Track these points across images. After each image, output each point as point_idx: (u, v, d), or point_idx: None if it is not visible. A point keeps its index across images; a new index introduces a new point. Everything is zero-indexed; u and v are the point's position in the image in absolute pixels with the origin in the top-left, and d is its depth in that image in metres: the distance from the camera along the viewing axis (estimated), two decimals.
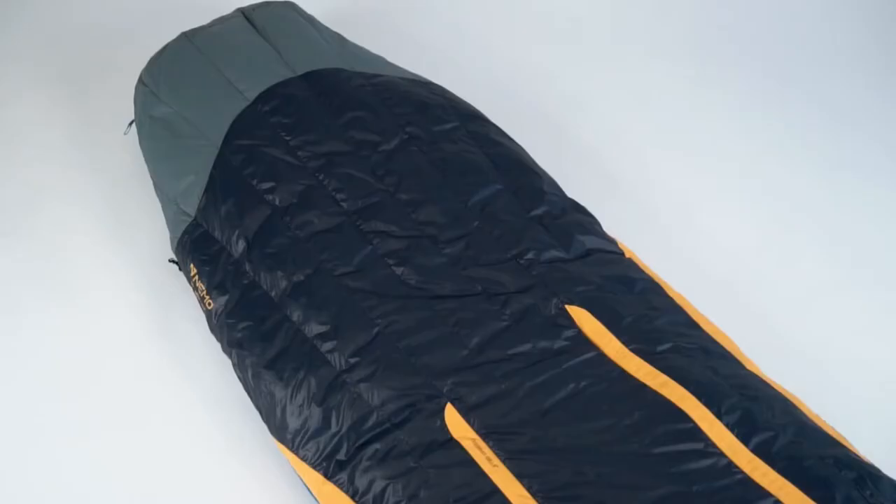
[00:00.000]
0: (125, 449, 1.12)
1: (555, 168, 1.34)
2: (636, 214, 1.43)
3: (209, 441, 1.12)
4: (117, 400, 1.17)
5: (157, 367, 1.19)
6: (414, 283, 1.11)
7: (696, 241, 1.41)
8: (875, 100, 1.71)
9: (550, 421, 0.98)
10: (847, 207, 1.51)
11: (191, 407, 1.15)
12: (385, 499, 0.94)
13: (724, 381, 1.04)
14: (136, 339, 1.23)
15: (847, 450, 1.00)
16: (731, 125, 1.65)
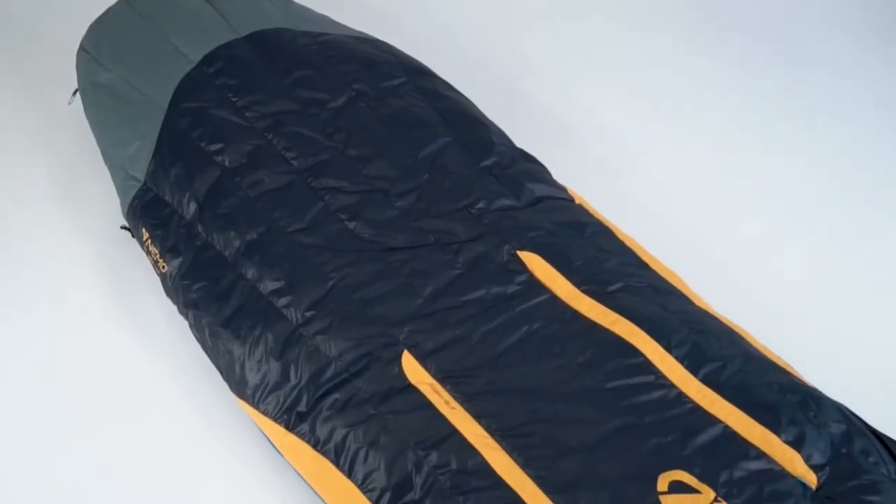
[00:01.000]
0: (86, 417, 1.12)
1: (505, 121, 1.35)
2: (586, 163, 1.45)
3: (171, 403, 1.13)
4: (76, 369, 1.16)
5: (113, 334, 1.19)
6: (367, 237, 1.12)
7: (645, 186, 1.44)
8: (819, 38, 1.74)
9: (505, 363, 1.00)
10: (792, 150, 1.54)
11: (150, 370, 1.16)
12: (346, 446, 0.96)
13: (673, 317, 1.06)
14: (91, 307, 1.22)
15: (791, 376, 1.04)
16: (679, 73, 1.67)
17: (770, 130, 1.56)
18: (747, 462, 0.92)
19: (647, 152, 1.50)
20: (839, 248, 1.40)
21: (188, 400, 1.13)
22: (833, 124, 1.59)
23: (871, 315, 1.31)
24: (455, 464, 0.93)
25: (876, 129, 1.58)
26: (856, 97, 1.65)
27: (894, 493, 0.92)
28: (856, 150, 1.55)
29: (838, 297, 1.33)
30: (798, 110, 1.60)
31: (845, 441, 0.97)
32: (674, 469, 0.91)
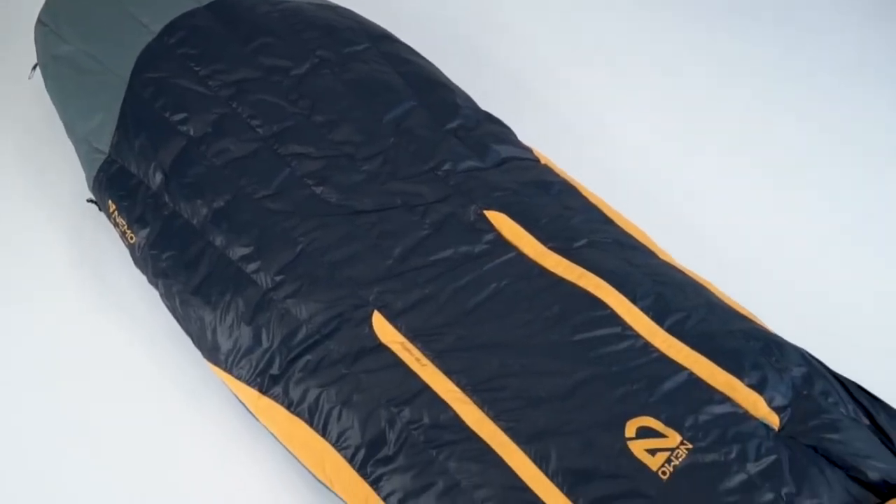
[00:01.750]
0: (58, 388, 1.12)
1: (470, 85, 1.36)
2: (551, 124, 1.46)
3: (144, 372, 1.13)
4: (49, 345, 1.16)
5: (84, 306, 1.20)
6: (334, 201, 1.12)
7: (610, 146, 1.45)
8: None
9: (474, 319, 1.02)
10: (753, 104, 1.56)
11: (122, 341, 1.16)
12: (319, 406, 0.97)
13: (638, 270, 1.08)
14: (60, 281, 1.22)
15: (754, 323, 1.07)
16: (640, 35, 1.68)
17: (733, 89, 1.58)
18: (712, 406, 0.94)
19: (613, 114, 1.51)
20: (801, 201, 1.42)
21: (161, 368, 1.14)
22: (798, 79, 1.60)
23: (831, 264, 1.34)
24: (427, 419, 0.94)
25: (842, 82, 1.60)
26: (811, 46, 1.66)
27: (853, 431, 0.95)
28: (824, 104, 1.57)
29: (799, 248, 1.35)
30: (758, 67, 1.62)
31: (806, 383, 1.00)
32: (641, 415, 0.93)
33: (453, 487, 0.91)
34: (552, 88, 1.54)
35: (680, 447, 0.91)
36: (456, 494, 0.90)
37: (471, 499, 0.90)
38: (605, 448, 0.91)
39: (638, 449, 0.91)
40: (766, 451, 0.91)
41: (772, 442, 0.92)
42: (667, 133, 1.50)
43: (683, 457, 0.90)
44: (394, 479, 0.93)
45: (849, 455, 0.92)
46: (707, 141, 1.49)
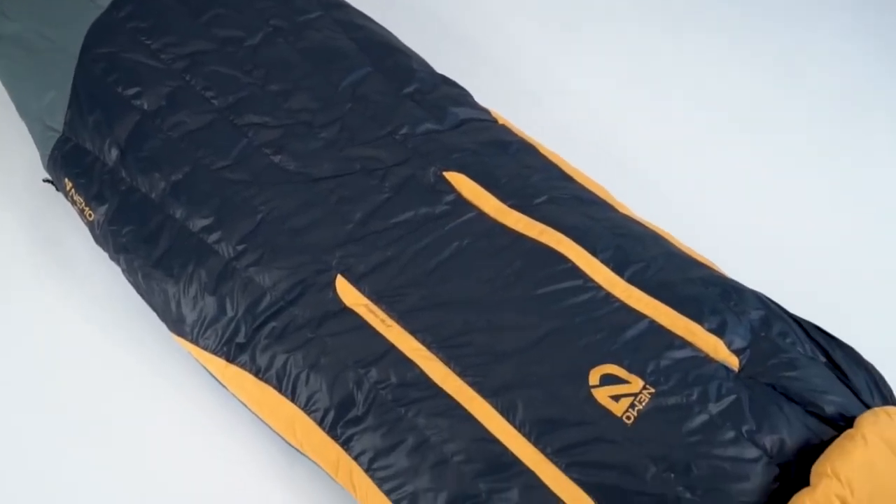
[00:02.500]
0: (27, 370, 1.12)
1: (426, 49, 1.36)
2: (507, 85, 1.46)
3: (109, 348, 1.13)
4: (9, 324, 1.16)
5: (46, 286, 1.19)
6: (293, 169, 1.12)
7: (566, 104, 1.46)
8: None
9: (437, 279, 1.03)
10: (707, 54, 1.57)
11: (87, 318, 1.16)
12: (287, 371, 0.98)
13: (598, 224, 1.10)
14: (21, 262, 1.21)
15: (712, 270, 1.09)
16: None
17: (688, 43, 1.59)
18: (673, 351, 0.96)
19: (570, 72, 1.52)
20: (752, 149, 1.45)
21: (127, 344, 1.13)
22: (752, 28, 1.62)
23: (786, 211, 1.36)
24: (395, 378, 0.95)
25: (795, 29, 1.62)
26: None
27: (810, 368, 0.98)
28: (775, 48, 1.59)
29: (755, 196, 1.38)
30: (713, 19, 1.63)
31: (764, 325, 1.02)
32: (604, 363, 0.95)
33: (423, 443, 0.92)
34: (509, 50, 1.54)
35: (643, 392, 0.92)
36: (426, 450, 0.92)
37: (440, 453, 0.91)
38: (569, 397, 0.93)
39: (602, 396, 0.92)
40: (727, 391, 0.93)
41: (732, 383, 0.94)
42: (626, 89, 1.51)
43: (646, 401, 0.92)
44: (364, 439, 0.94)
45: (806, 391, 0.95)
46: (666, 94, 1.50)
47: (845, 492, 0.83)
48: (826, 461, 0.85)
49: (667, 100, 1.50)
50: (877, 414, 0.90)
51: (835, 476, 0.83)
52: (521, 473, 0.89)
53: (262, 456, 1.05)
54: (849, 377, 1.01)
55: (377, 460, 0.93)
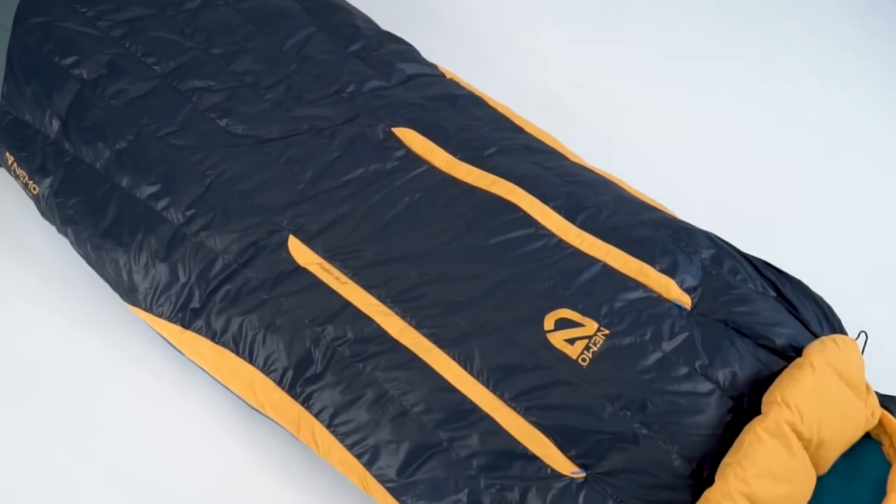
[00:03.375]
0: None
1: (370, 6, 1.34)
2: (455, 40, 1.45)
3: (63, 322, 1.12)
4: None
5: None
6: (240, 132, 1.11)
7: (513, 56, 1.45)
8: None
9: (390, 234, 1.03)
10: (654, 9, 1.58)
11: (38, 293, 1.14)
12: (243, 334, 0.98)
13: (548, 172, 1.10)
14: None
15: (662, 213, 1.10)
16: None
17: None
18: (626, 293, 0.97)
19: (518, 24, 1.51)
20: (701, 93, 1.46)
21: (81, 316, 1.12)
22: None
23: (735, 152, 1.38)
24: (351, 334, 0.96)
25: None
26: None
27: (761, 303, 1.00)
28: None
29: (706, 139, 1.39)
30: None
31: (715, 264, 1.03)
32: (558, 308, 0.96)
33: (382, 396, 0.93)
34: (455, 6, 1.53)
35: (597, 334, 0.94)
36: (386, 402, 0.92)
37: (400, 405, 0.92)
38: (525, 343, 0.93)
39: (557, 340, 0.93)
40: (680, 329, 0.95)
41: (684, 321, 0.96)
42: (574, 38, 1.50)
43: (601, 343, 0.93)
44: (324, 396, 0.94)
45: (757, 325, 0.97)
46: (615, 41, 1.50)
47: (795, 418, 0.85)
48: (776, 390, 0.87)
49: (622, 48, 1.50)
50: (824, 342, 0.92)
51: (784, 404, 0.86)
52: (480, 420, 0.90)
53: (224, 419, 1.05)
54: (798, 310, 1.03)
55: (338, 416, 0.93)
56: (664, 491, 0.87)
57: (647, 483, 0.87)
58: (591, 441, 0.88)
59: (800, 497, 0.87)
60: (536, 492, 0.87)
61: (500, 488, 0.88)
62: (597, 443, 0.88)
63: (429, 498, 0.89)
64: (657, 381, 0.91)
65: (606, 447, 0.88)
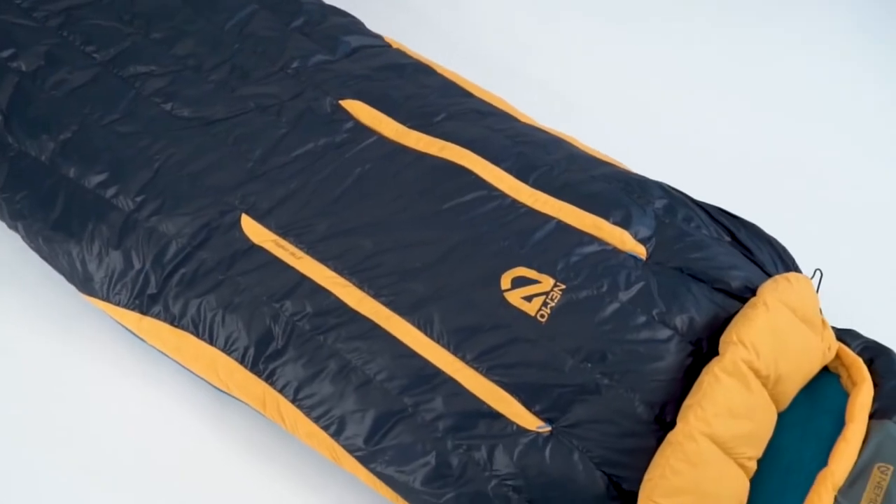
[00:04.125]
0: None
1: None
2: (399, 10, 1.44)
3: (22, 319, 1.10)
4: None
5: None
6: (186, 115, 1.10)
7: (460, 22, 1.45)
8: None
9: (343, 206, 1.02)
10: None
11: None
12: (202, 316, 0.97)
13: (499, 134, 1.10)
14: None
15: (614, 166, 1.10)
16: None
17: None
18: (581, 248, 0.98)
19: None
20: (650, 45, 1.46)
21: (38, 311, 1.11)
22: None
23: (685, 105, 1.39)
24: (310, 307, 0.95)
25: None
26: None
27: (715, 248, 1.01)
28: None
29: (655, 91, 1.40)
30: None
31: (668, 213, 1.04)
32: (514, 267, 0.96)
33: (345, 367, 0.93)
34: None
35: (554, 289, 0.94)
36: (348, 373, 0.92)
37: (363, 374, 0.92)
38: (483, 303, 0.94)
39: (515, 298, 0.94)
40: (636, 279, 0.96)
41: (640, 270, 0.97)
42: (523, 4, 1.50)
43: (558, 298, 0.94)
44: (286, 371, 0.94)
45: (712, 269, 0.98)
46: (565, 4, 1.50)
47: (751, 356, 0.86)
48: (732, 330, 0.89)
49: (573, 11, 1.49)
50: (777, 281, 0.93)
51: (740, 343, 0.87)
52: (443, 383, 0.91)
53: (190, 402, 1.05)
54: (753, 252, 1.04)
55: (302, 390, 0.93)
56: (629, 438, 0.88)
57: (611, 432, 0.88)
58: (554, 395, 0.89)
59: (761, 433, 0.89)
60: (503, 449, 0.88)
61: (468, 448, 0.88)
62: (560, 396, 0.89)
63: (398, 463, 0.90)
64: (616, 332, 0.92)
65: (569, 400, 0.89)
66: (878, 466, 0.88)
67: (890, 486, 0.86)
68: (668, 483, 0.81)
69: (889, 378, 0.95)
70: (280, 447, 1.02)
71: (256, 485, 1.01)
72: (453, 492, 0.88)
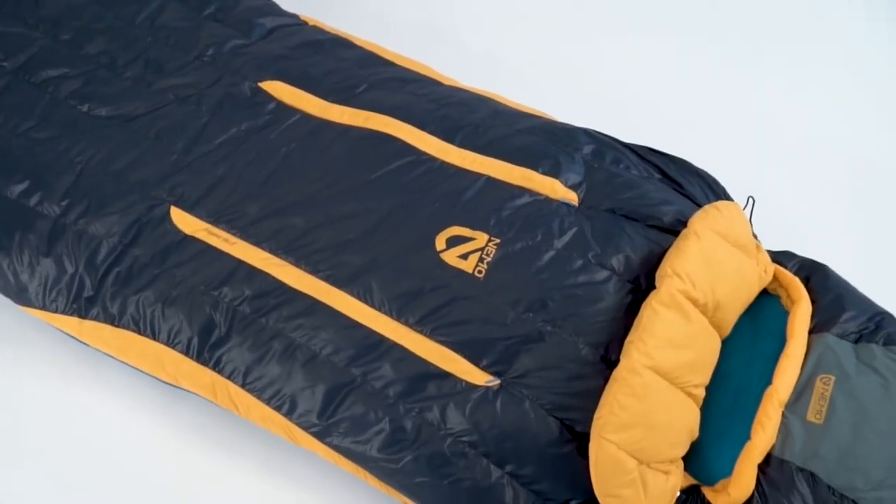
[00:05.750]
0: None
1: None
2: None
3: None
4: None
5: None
6: (104, 114, 1.08)
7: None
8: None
9: (271, 187, 1.02)
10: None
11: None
12: (142, 312, 0.96)
13: (422, 99, 1.10)
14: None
15: (539, 118, 1.11)
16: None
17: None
18: (512, 201, 0.98)
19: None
20: None
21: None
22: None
23: (605, 52, 1.40)
24: (249, 291, 0.95)
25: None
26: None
27: (645, 186, 1.02)
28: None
29: (575, 40, 1.40)
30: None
31: (596, 157, 1.05)
32: (448, 227, 0.96)
33: (290, 345, 0.93)
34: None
35: (489, 245, 0.94)
36: (294, 351, 0.92)
37: (309, 350, 0.92)
38: (420, 267, 0.94)
39: (451, 258, 0.94)
40: (569, 225, 0.96)
41: (573, 216, 0.97)
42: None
43: (494, 252, 0.94)
44: (233, 357, 0.94)
45: (643, 206, 0.99)
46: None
47: (687, 286, 0.88)
48: (666, 263, 0.90)
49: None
50: (706, 210, 0.94)
51: (675, 274, 0.88)
52: (389, 349, 0.91)
53: (143, 401, 1.04)
54: (684, 187, 1.05)
55: (250, 374, 0.93)
56: (577, 381, 0.89)
57: (559, 377, 0.89)
58: (499, 348, 0.90)
59: (705, 360, 0.90)
60: (455, 407, 0.88)
61: (420, 410, 0.89)
62: (505, 349, 0.90)
63: (353, 434, 0.90)
64: (554, 279, 0.93)
65: (515, 351, 0.90)
66: (821, 378, 0.90)
67: (833, 395, 0.88)
68: (617, 419, 0.82)
69: (825, 293, 0.97)
70: (238, 436, 1.02)
71: (219, 475, 1.01)
72: (410, 455, 0.88)
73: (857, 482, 0.84)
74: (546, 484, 0.88)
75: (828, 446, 0.85)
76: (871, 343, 0.92)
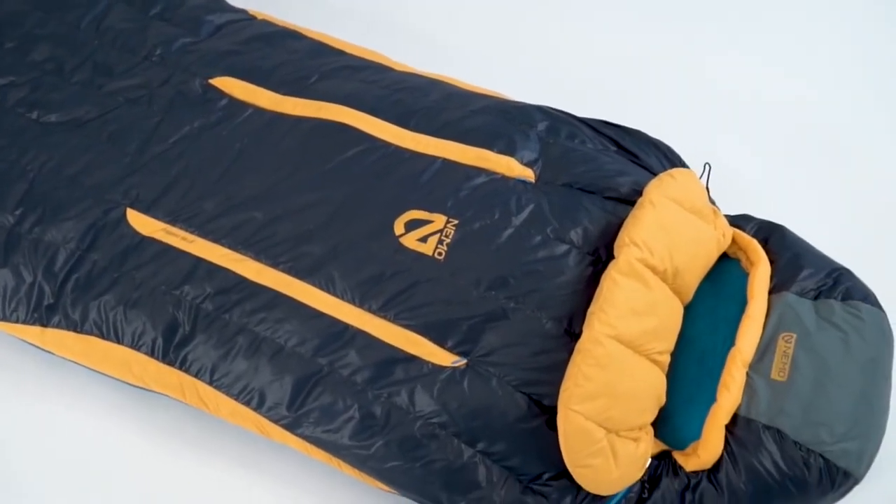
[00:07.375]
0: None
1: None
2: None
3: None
4: None
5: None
6: (54, 120, 1.08)
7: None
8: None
9: (227, 183, 1.01)
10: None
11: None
12: (104, 316, 0.96)
13: (374, 86, 1.10)
14: None
15: (492, 98, 1.11)
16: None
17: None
18: (469, 181, 0.98)
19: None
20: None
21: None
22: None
23: (554, 28, 1.40)
24: (210, 288, 0.95)
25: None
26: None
27: (601, 159, 1.03)
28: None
29: (523, 17, 1.40)
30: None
31: (551, 133, 1.05)
32: (405, 211, 0.96)
33: (255, 340, 0.92)
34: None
35: (447, 226, 0.95)
36: (259, 345, 0.92)
37: (275, 343, 0.92)
38: (380, 253, 0.94)
39: (410, 242, 0.94)
40: (526, 202, 0.97)
41: (530, 193, 0.98)
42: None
43: (452, 234, 0.94)
44: (198, 355, 0.94)
45: (599, 179, 0.99)
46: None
47: (645, 254, 0.88)
48: (623, 233, 0.90)
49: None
50: (661, 178, 0.95)
51: (633, 243, 0.88)
52: (354, 336, 0.91)
53: (116, 409, 1.03)
54: (640, 157, 1.06)
55: (217, 371, 0.93)
56: (542, 355, 0.89)
57: (524, 353, 0.89)
58: (463, 328, 0.90)
59: (668, 327, 0.91)
60: (423, 389, 0.88)
61: (388, 395, 0.89)
62: (469, 328, 0.90)
63: (323, 423, 0.90)
64: (513, 256, 0.93)
65: (479, 330, 0.90)
66: (783, 336, 0.91)
67: (795, 352, 0.89)
68: (582, 390, 0.82)
69: (783, 252, 0.98)
70: (211, 435, 1.02)
71: (194, 476, 1.00)
72: (381, 440, 0.89)
73: (823, 436, 0.85)
74: (518, 459, 0.88)
75: (792, 403, 0.87)
76: (830, 299, 0.93)
